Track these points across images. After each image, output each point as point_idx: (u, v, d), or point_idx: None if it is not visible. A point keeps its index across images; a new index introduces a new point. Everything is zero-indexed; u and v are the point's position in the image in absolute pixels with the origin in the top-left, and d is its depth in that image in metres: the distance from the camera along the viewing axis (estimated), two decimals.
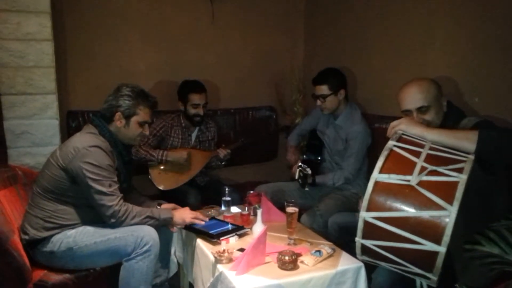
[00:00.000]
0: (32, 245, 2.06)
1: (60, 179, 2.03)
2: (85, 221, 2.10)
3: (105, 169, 2.01)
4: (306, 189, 2.65)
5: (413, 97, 1.88)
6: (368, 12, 3.05)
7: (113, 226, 2.05)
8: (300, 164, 2.65)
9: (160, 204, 2.36)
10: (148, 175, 3.01)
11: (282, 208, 2.28)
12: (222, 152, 3.08)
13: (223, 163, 3.19)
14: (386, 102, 2.03)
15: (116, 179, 2.07)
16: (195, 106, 3.03)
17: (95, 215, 2.08)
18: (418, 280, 1.59)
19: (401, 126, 1.68)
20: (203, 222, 2.21)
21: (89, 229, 2.07)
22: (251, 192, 2.54)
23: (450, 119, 1.88)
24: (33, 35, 2.51)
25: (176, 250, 2.46)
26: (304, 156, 2.94)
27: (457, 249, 1.45)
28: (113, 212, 2.01)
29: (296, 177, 2.67)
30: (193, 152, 3.08)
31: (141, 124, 2.18)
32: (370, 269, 1.89)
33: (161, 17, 3.33)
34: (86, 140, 2.05)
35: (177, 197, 2.90)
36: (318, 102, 2.78)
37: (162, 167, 3.02)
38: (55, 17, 2.65)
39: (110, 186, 2.02)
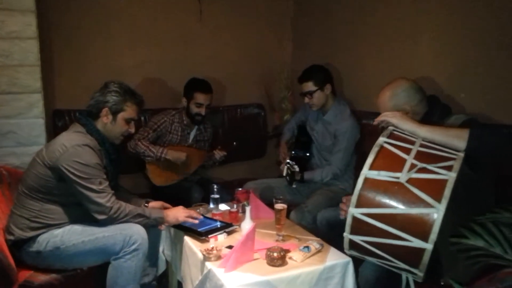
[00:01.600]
0: (18, 246, 2.03)
1: (46, 178, 2.01)
2: (73, 220, 2.08)
3: (94, 167, 2.00)
4: (294, 186, 2.66)
5: (380, 106, 1.98)
6: (356, 10, 3.06)
7: (103, 224, 2.02)
8: (288, 161, 2.66)
9: (148, 202, 2.34)
10: (145, 171, 2.99)
11: (270, 205, 2.28)
12: (218, 154, 3.08)
13: (216, 164, 3.19)
14: (374, 98, 2.06)
15: (105, 176, 2.06)
16: (199, 105, 3.01)
17: (83, 214, 2.05)
18: (404, 275, 1.60)
19: (393, 120, 1.70)
20: (196, 221, 2.21)
21: (76, 228, 2.05)
22: (240, 189, 2.54)
23: (435, 114, 1.90)
24: (17, 33, 2.47)
25: (164, 248, 2.45)
26: (293, 152, 2.95)
27: (443, 244, 1.47)
28: (104, 209, 1.99)
29: (284, 174, 2.68)
30: (191, 151, 3.07)
31: (127, 121, 2.17)
32: (357, 263, 1.90)
33: (149, 15, 3.31)
34: (73, 138, 2.03)
35: (179, 193, 2.89)
36: (306, 99, 2.79)
37: (159, 163, 2.99)
38: (40, 15, 2.62)
39: (100, 183, 2.00)
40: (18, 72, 2.51)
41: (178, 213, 2.19)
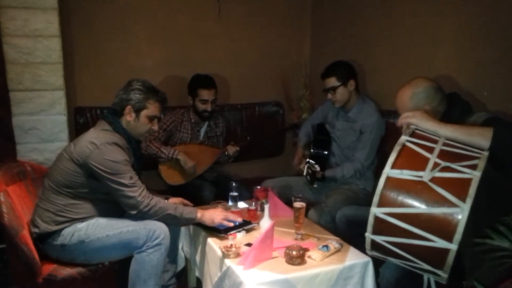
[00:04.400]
0: (43, 239, 2.07)
1: (74, 174, 2.05)
2: (97, 215, 2.12)
3: (123, 164, 2.03)
4: (315, 186, 2.65)
5: (398, 105, 1.97)
6: (375, 6, 3.03)
7: (136, 217, 2.06)
8: (308, 160, 2.64)
9: (167, 198, 2.36)
10: (157, 170, 3.02)
11: (289, 203, 2.28)
12: (231, 149, 3.09)
13: (231, 160, 3.19)
14: (395, 96, 2.05)
15: (135, 172, 2.09)
16: (204, 102, 3.02)
17: (107, 209, 2.10)
18: (425, 276, 1.58)
19: (413, 120, 1.67)
20: (231, 224, 2.18)
21: (101, 221, 2.09)
22: (258, 187, 2.54)
23: (456, 112, 1.87)
24: (40, 31, 2.52)
25: (183, 245, 2.47)
26: (312, 150, 2.93)
27: (466, 245, 1.45)
28: (136, 203, 2.02)
29: (304, 174, 2.66)
30: (202, 149, 3.09)
31: (150, 119, 2.19)
32: (377, 263, 1.88)
33: (168, 13, 3.33)
34: (102, 137, 2.06)
35: (191, 191, 2.91)
36: (329, 96, 2.75)
37: (171, 163, 3.02)
38: (62, 14, 2.66)
39: (131, 178, 2.04)
40: (41, 70, 2.56)
41: (215, 215, 2.16)
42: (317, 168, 2.56)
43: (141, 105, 2.15)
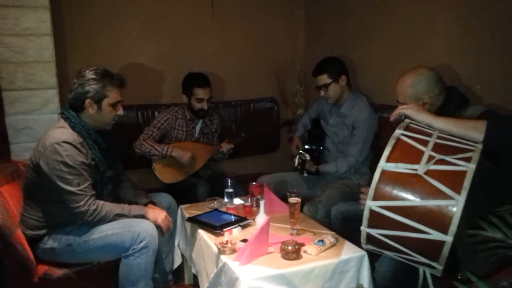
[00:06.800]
0: (33, 243, 2.04)
1: (36, 179, 1.99)
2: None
3: (72, 166, 1.92)
4: (305, 175, 2.68)
5: (399, 94, 1.98)
6: (369, 1, 3.03)
7: (82, 224, 2.02)
8: (300, 151, 2.68)
9: (152, 203, 2.31)
10: (152, 168, 3.01)
11: (284, 199, 2.28)
12: (226, 147, 3.07)
13: (226, 157, 3.19)
14: (389, 91, 2.05)
15: (86, 176, 1.98)
16: (199, 100, 2.99)
17: None
18: (421, 269, 1.58)
19: (408, 111, 1.67)
20: (165, 234, 2.19)
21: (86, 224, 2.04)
22: (254, 183, 2.55)
23: (452, 105, 1.88)
24: (32, 30, 2.50)
25: (180, 242, 2.47)
26: (306, 146, 2.94)
27: (461, 237, 1.45)
28: (79, 212, 1.95)
29: (296, 164, 2.69)
30: (197, 146, 3.07)
31: (113, 106, 2.09)
32: (373, 257, 1.89)
33: (161, 9, 3.32)
34: (53, 136, 1.95)
35: (186, 188, 2.90)
36: (322, 93, 2.77)
37: (165, 161, 3.01)
38: (54, 12, 2.63)
39: (78, 185, 1.93)
40: (34, 69, 2.54)
41: (159, 217, 2.15)
42: (307, 157, 2.59)
43: (101, 95, 2.03)
